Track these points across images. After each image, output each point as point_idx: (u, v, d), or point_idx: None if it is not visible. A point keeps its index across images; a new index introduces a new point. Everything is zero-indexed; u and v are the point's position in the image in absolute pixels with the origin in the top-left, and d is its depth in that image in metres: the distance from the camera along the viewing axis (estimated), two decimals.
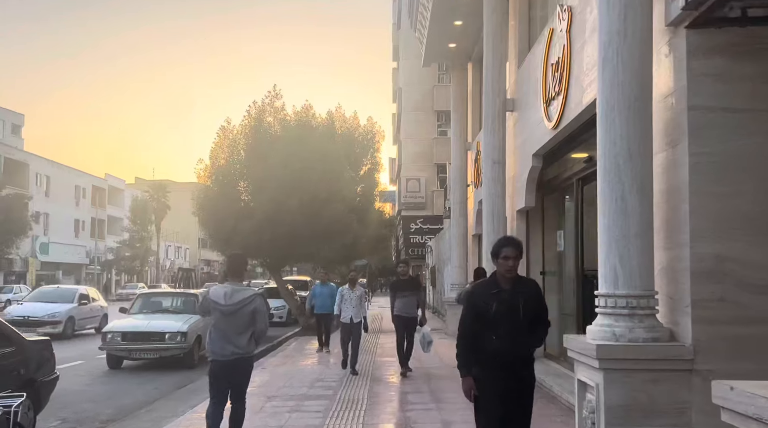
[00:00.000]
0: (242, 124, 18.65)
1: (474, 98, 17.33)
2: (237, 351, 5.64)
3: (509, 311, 4.41)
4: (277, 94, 19.13)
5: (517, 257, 4.51)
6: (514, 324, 4.42)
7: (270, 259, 19.01)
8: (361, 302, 11.23)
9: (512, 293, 4.46)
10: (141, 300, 13.80)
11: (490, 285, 4.57)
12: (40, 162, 56.02)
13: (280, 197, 17.15)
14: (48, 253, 54.84)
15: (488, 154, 11.35)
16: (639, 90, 5.69)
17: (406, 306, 10.69)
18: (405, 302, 10.70)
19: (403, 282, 10.91)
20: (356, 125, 23.94)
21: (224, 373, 5.68)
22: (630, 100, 5.68)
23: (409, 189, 44.67)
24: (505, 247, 4.53)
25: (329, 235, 18.48)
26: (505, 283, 4.49)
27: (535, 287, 4.71)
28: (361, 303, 11.23)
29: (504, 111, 11.42)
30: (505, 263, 4.49)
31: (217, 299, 5.63)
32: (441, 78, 46.09)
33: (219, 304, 5.62)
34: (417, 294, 10.87)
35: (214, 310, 5.67)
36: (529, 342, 4.56)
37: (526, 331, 4.48)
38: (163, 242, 76.01)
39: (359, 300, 11.21)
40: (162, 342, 12.20)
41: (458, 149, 17.55)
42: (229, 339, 5.62)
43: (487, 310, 4.42)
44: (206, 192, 18.23)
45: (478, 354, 4.51)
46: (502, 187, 11.32)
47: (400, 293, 10.77)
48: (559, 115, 8.39)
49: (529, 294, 4.55)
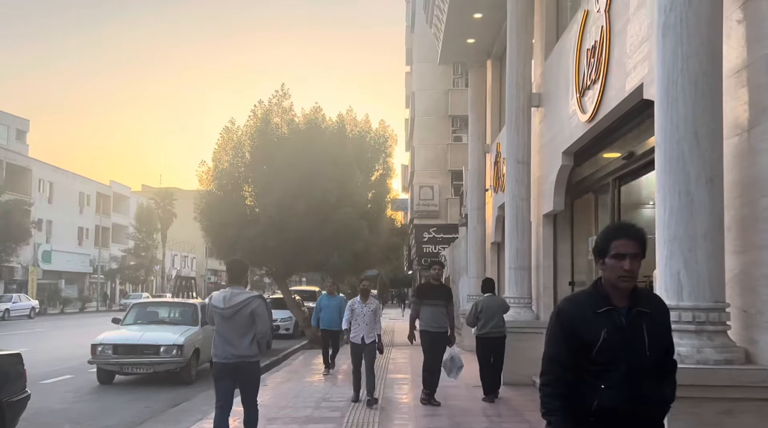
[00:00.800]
0: (247, 125, 17.79)
1: (493, 98, 16.42)
2: (237, 354, 5.64)
3: (628, 343, 2.68)
4: (285, 93, 18.29)
5: (638, 255, 2.71)
6: (635, 364, 2.67)
7: (276, 268, 18.10)
8: (375, 318, 9.08)
9: (632, 315, 2.72)
10: (135, 311, 12.88)
11: (594, 301, 2.76)
12: (43, 167, 55.42)
13: (286, 201, 16.27)
14: (50, 262, 54.07)
15: (512, 153, 10.42)
16: (707, 63, 4.81)
17: (436, 318, 8.61)
18: (434, 312, 8.61)
19: (434, 288, 8.82)
20: (368, 129, 23.02)
21: (226, 375, 5.72)
22: (696, 76, 4.78)
23: (422, 196, 43.72)
24: (617, 239, 2.71)
25: (339, 242, 17.55)
26: (618, 298, 2.73)
27: (661, 305, 2.86)
28: (375, 319, 9.07)
29: (529, 106, 10.50)
30: (619, 265, 2.69)
31: (217, 303, 5.73)
32: (456, 82, 45.26)
33: (218, 308, 5.71)
34: (449, 304, 8.76)
35: (215, 314, 5.75)
36: (660, 396, 2.76)
37: (653, 376, 2.72)
38: (169, 251, 75.27)
39: (373, 315, 9.05)
40: (156, 355, 11.27)
41: (476, 151, 16.62)
42: (230, 343, 5.65)
43: (591, 341, 2.68)
44: (208, 196, 17.35)
45: (574, 411, 2.72)
46: (526, 190, 10.38)
47: (428, 301, 8.67)
48: (595, 106, 7.46)
49: (655, 317, 2.76)
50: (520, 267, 10.27)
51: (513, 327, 10.06)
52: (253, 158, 17.56)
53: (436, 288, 8.90)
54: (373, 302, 9.24)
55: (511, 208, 10.37)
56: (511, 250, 10.34)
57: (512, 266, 10.32)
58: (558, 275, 10.11)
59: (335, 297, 13.00)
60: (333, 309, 12.45)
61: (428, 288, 8.99)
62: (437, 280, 8.98)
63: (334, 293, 13.17)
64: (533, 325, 10.12)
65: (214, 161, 17.53)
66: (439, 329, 8.65)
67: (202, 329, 12.49)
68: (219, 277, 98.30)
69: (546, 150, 10.09)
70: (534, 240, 10.56)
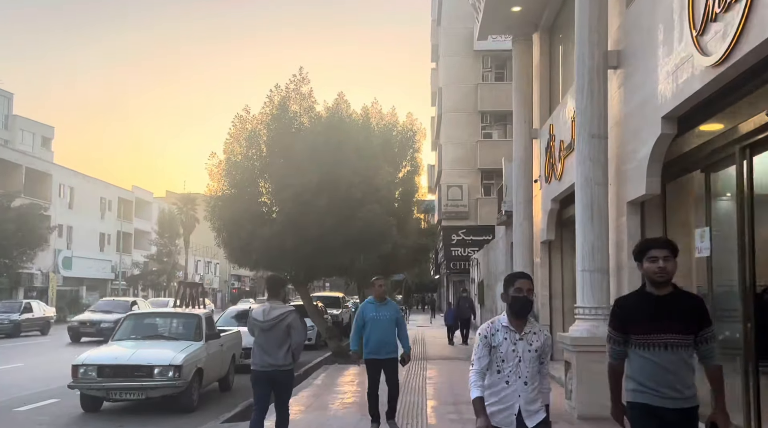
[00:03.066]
0: (262, 113, 15.82)
1: (542, 76, 14.28)
2: (274, 363, 6.23)
3: None
4: (304, 78, 16.27)
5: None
6: None
7: (294, 271, 16.12)
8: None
9: None
10: (129, 323, 10.93)
11: None
12: (63, 172, 54.56)
13: (306, 196, 14.29)
14: (71, 268, 53.09)
15: (584, 126, 8.29)
16: None
17: None
18: None
19: None
20: (394, 122, 20.99)
21: (263, 381, 6.31)
22: None
23: (450, 197, 41.60)
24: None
25: (364, 243, 15.53)
26: None
27: None
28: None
29: (605, 67, 8.38)
30: None
31: (257, 316, 6.32)
32: (485, 75, 43.07)
33: (258, 321, 6.29)
34: None
35: (255, 327, 6.32)
36: None
37: None
38: (192, 257, 74.06)
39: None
40: (149, 378, 9.33)
41: (522, 138, 14.47)
42: (268, 353, 6.22)
43: None
44: (218, 193, 15.41)
45: None
46: (603, 172, 8.24)
47: None
48: (732, 40, 5.30)
49: None
50: (595, 270, 8.13)
51: (586, 345, 7.94)
52: (268, 149, 15.61)
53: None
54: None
55: (583, 195, 8.24)
56: (583, 248, 8.21)
57: (585, 268, 8.19)
58: None
59: (387, 304, 7.89)
60: (386, 325, 7.73)
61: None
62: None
63: (385, 298, 7.97)
64: None
65: (226, 153, 15.60)
66: None
67: (205, 345, 10.54)
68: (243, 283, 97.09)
69: (631, 119, 7.94)
70: (613, 235, 8.42)
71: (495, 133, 43.44)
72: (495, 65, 43.63)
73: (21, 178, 46.45)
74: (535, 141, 14.56)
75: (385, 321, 7.53)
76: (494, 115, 42.83)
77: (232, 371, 12.28)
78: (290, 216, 14.49)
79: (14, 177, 45.64)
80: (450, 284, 46.41)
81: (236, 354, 12.63)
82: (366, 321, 7.53)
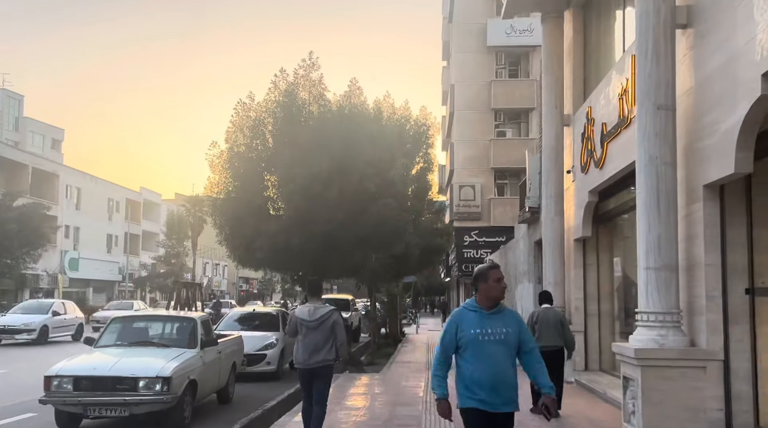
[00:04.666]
0: (267, 100, 14.51)
1: (575, 56, 12.92)
2: (320, 359, 6.83)
3: None
4: (314, 63, 14.95)
5: None
6: None
7: (302, 271, 14.82)
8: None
9: None
10: (116, 327, 9.62)
11: None
12: (70, 173, 53.73)
13: (314, 189, 13.00)
14: (78, 269, 52.29)
15: (647, 95, 6.93)
16: None
17: None
18: None
19: None
20: (407, 116, 19.64)
21: (307, 377, 6.94)
22: None
23: (462, 197, 40.16)
24: None
25: (378, 240, 14.22)
26: None
27: None
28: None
29: (673, 25, 7.02)
30: None
31: (303, 317, 6.91)
32: (499, 72, 41.64)
33: (305, 321, 6.88)
34: None
35: (301, 326, 6.88)
36: None
37: None
38: (200, 259, 73.05)
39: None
40: (133, 392, 8.03)
41: (553, 124, 13.11)
42: (316, 350, 6.81)
43: None
44: (221, 186, 14.12)
45: None
46: (670, 149, 6.87)
47: None
48: None
49: None
50: (662, 267, 6.76)
51: (653, 359, 6.59)
52: (274, 139, 14.32)
53: None
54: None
55: (647, 178, 6.87)
56: (647, 241, 6.85)
57: (649, 264, 6.83)
58: (728, 277, 6.58)
59: (503, 313, 4.33)
60: (502, 353, 4.23)
61: None
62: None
63: (500, 303, 4.40)
64: (687, 356, 6.61)
65: (228, 143, 14.31)
66: None
67: (201, 353, 9.25)
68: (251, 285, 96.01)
69: (711, 85, 6.57)
70: (683, 227, 7.06)
71: (509, 131, 42.02)
72: (509, 62, 42.25)
73: (27, 178, 45.73)
74: (566, 129, 13.21)
75: (501, 344, 4.18)
76: (508, 112, 41.42)
77: (232, 381, 10.99)
78: (297, 210, 13.21)
79: (20, 177, 44.93)
80: (461, 286, 45.04)
81: (237, 361, 11.35)
82: (465, 342, 4.20)
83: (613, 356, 12.48)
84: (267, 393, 11.57)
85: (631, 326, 11.76)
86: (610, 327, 12.45)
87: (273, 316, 15.63)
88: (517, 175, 40.86)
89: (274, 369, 13.81)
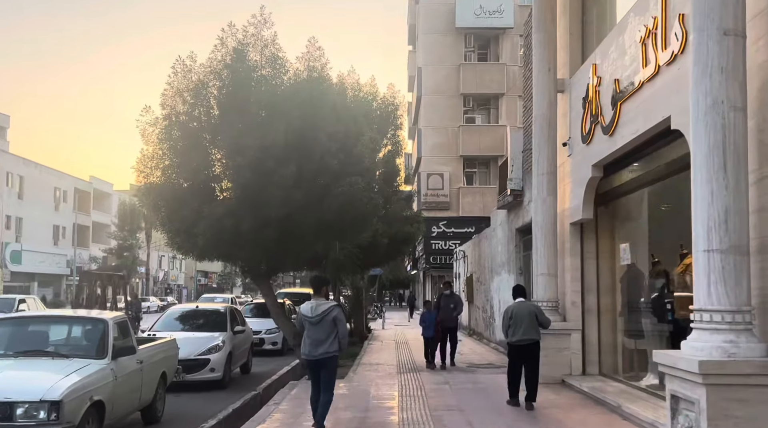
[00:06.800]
0: (211, 59, 12.35)
1: (572, 10, 11.15)
2: (323, 351, 7.24)
3: None
4: (266, 20, 12.77)
5: None
6: None
7: (254, 261, 12.76)
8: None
9: None
10: (5, 329, 7.47)
11: None
12: (11, 160, 50.28)
13: (268, 163, 10.94)
14: (20, 263, 48.99)
15: (708, 16, 5.11)
16: None
17: None
18: None
19: None
20: (374, 93, 17.63)
21: (313, 367, 7.41)
22: None
23: (430, 186, 38.45)
24: None
25: (343, 226, 12.26)
26: None
27: None
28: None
29: None
30: None
31: (306, 312, 7.39)
32: (468, 56, 39.93)
33: (308, 317, 7.34)
34: None
35: (305, 322, 7.36)
36: None
37: None
38: (155, 252, 69.84)
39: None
40: (8, 422, 5.92)
41: (545, 90, 11.28)
42: (320, 343, 7.23)
43: None
44: (155, 160, 11.93)
45: None
46: (741, 90, 5.07)
47: None
48: None
49: None
50: (730, 249, 4.97)
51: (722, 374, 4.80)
52: (220, 106, 12.17)
53: None
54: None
55: (709, 130, 5.06)
56: (709, 214, 5.05)
57: (711, 246, 5.04)
58: None
59: None
60: None
61: None
62: None
63: None
64: (763, 369, 4.84)
65: (164, 108, 12.10)
66: None
67: (112, 364, 7.16)
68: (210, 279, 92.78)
69: None
70: (755, 195, 5.28)
71: (478, 117, 40.41)
72: (478, 44, 40.61)
73: None
74: (562, 95, 11.44)
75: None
76: (478, 98, 39.82)
77: (161, 396, 8.91)
78: (247, 188, 11.12)
79: None
80: (428, 279, 43.41)
81: (168, 370, 9.27)
82: None
83: (616, 358, 10.81)
84: (208, 408, 9.58)
85: (637, 324, 10.07)
86: (611, 325, 10.74)
87: (220, 314, 13.56)
88: (486, 164, 39.36)
89: (219, 376, 11.77)
